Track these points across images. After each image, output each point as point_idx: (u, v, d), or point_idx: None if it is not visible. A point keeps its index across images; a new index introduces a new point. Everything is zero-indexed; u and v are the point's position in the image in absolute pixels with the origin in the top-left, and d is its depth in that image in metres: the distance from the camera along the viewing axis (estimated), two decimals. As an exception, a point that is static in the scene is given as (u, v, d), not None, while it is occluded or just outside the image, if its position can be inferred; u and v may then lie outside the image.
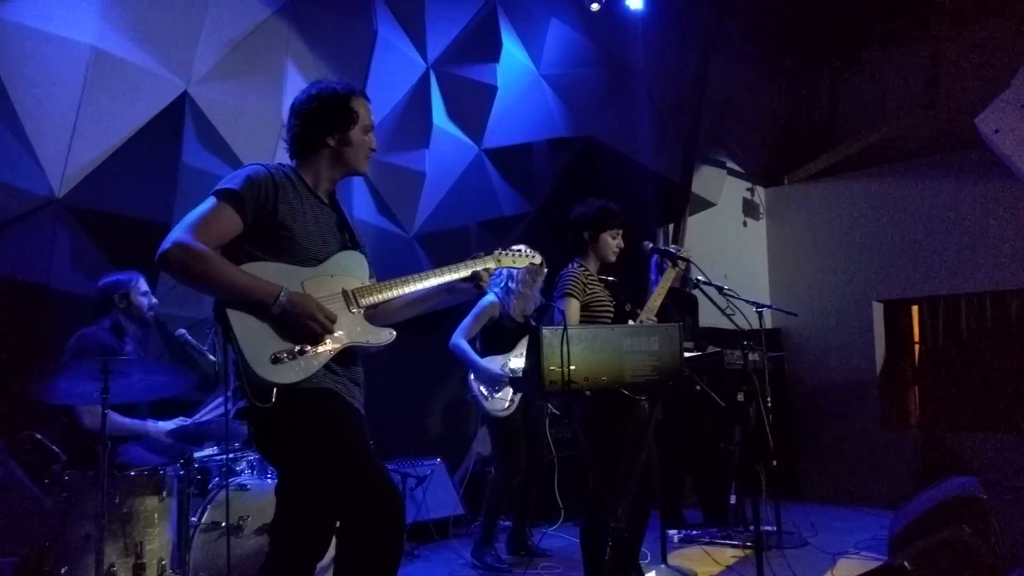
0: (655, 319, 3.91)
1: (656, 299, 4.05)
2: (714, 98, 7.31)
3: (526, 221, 6.39)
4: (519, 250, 2.86)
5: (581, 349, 2.80)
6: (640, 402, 3.60)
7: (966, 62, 7.26)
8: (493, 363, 4.70)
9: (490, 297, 4.80)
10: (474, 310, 4.81)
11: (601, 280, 3.81)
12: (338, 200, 2.59)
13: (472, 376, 4.77)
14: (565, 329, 2.75)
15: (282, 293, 2.27)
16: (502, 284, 4.85)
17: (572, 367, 2.75)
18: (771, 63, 7.99)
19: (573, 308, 3.60)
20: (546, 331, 2.75)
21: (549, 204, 6.38)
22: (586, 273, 3.77)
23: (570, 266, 3.84)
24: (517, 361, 4.72)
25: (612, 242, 3.84)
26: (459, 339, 4.74)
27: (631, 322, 3.77)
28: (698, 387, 3.56)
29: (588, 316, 3.66)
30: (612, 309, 3.75)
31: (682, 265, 4.29)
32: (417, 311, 2.65)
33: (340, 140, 2.50)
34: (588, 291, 3.71)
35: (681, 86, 7.08)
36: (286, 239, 2.35)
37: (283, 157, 2.61)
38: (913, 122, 7.42)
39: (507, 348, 4.77)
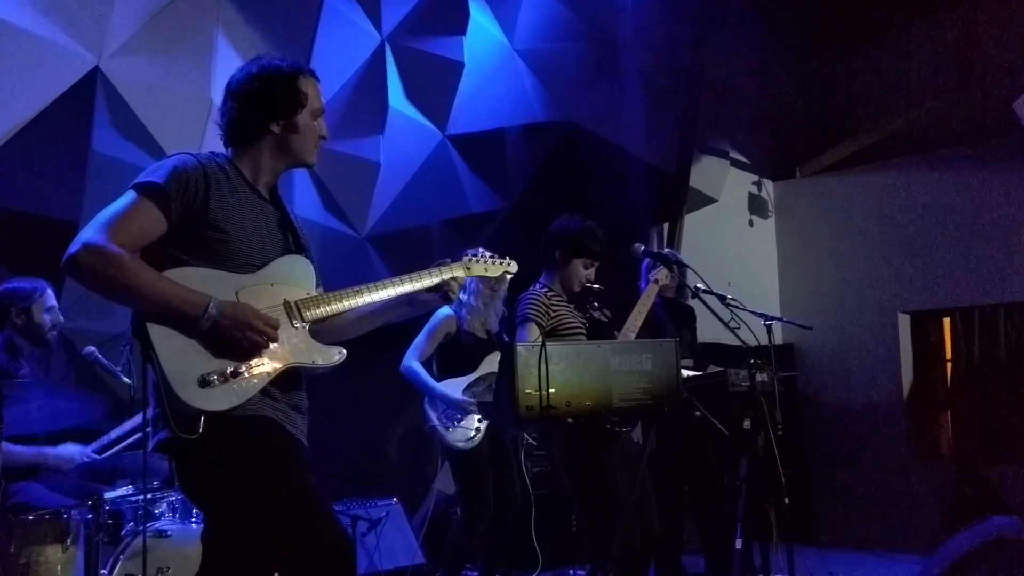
0: (636, 338, 3.94)
1: (636, 317, 4.09)
2: (714, 78, 7.39)
3: (498, 220, 6.42)
4: (491, 257, 2.90)
5: (562, 369, 2.83)
6: (630, 431, 3.63)
7: (1003, 36, 7.40)
8: (453, 387, 4.74)
9: (445, 311, 4.84)
10: (427, 326, 4.85)
11: (569, 301, 3.86)
12: (280, 196, 2.60)
13: (428, 403, 4.80)
14: (543, 345, 2.79)
15: (212, 304, 2.26)
16: (459, 297, 4.87)
17: (552, 390, 2.78)
18: (779, 39, 8.11)
19: (533, 336, 3.64)
20: (521, 348, 2.79)
21: (525, 200, 6.42)
22: (550, 294, 3.82)
23: (533, 286, 3.89)
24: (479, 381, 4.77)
25: (582, 272, 3.89)
26: (411, 361, 4.78)
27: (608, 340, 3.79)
28: (698, 413, 3.59)
29: (557, 339, 3.68)
30: (584, 333, 3.79)
31: (676, 272, 4.35)
32: (371, 326, 2.66)
33: (285, 126, 2.50)
34: (552, 314, 3.75)
35: (677, 65, 7.16)
36: (219, 241, 2.36)
37: (215, 145, 2.60)
38: (942, 106, 7.55)
39: (468, 368, 4.81)
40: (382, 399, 6.14)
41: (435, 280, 2.65)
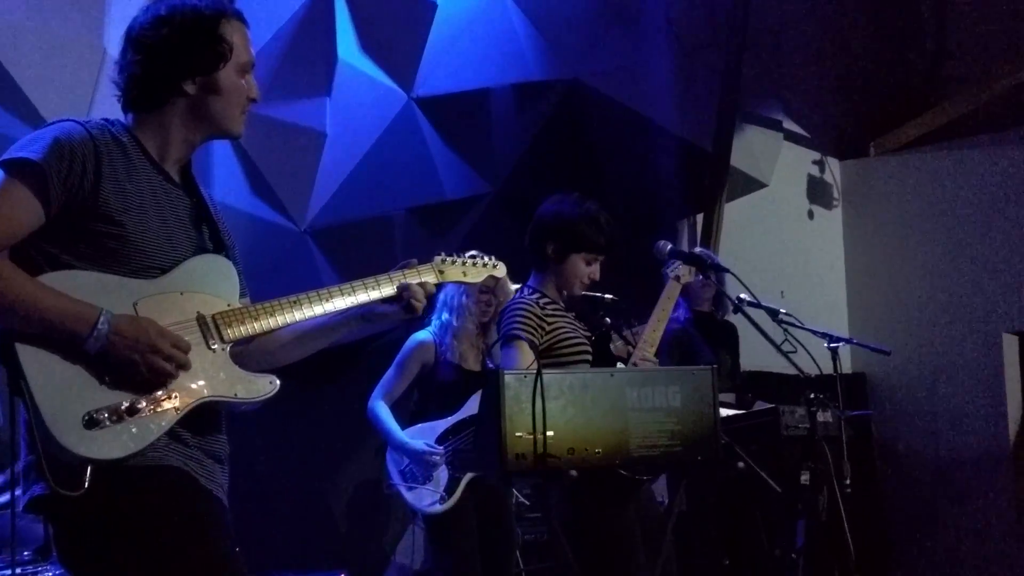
0: (656, 360, 3.94)
1: (654, 328, 4.09)
2: (763, 27, 7.41)
3: (480, 208, 6.42)
4: (472, 257, 2.90)
5: (564, 405, 2.84)
6: (652, 482, 3.63)
7: None
8: (423, 433, 4.79)
9: (421, 335, 4.89)
10: (398, 357, 4.91)
11: (586, 300, 3.91)
12: (194, 177, 2.61)
13: (390, 455, 4.84)
14: (539, 374, 2.79)
15: (103, 318, 2.26)
16: (438, 315, 4.94)
17: (550, 433, 2.78)
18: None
19: (523, 354, 3.66)
20: (510, 377, 2.80)
21: (515, 182, 6.43)
22: (543, 302, 3.83)
23: (520, 292, 3.90)
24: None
25: (584, 270, 3.90)
26: (375, 400, 4.85)
27: (620, 366, 3.81)
28: (741, 464, 3.60)
29: (556, 364, 3.70)
30: (589, 350, 3.80)
31: (712, 279, 4.34)
32: (313, 347, 2.68)
33: (203, 85, 2.51)
34: (548, 327, 3.77)
35: (714, 8, 7.16)
36: (112, 237, 2.36)
37: (110, 110, 2.59)
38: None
39: (446, 410, 4.84)
40: (330, 443, 6.14)
41: (395, 287, 2.66)
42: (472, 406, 4.77)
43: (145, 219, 2.41)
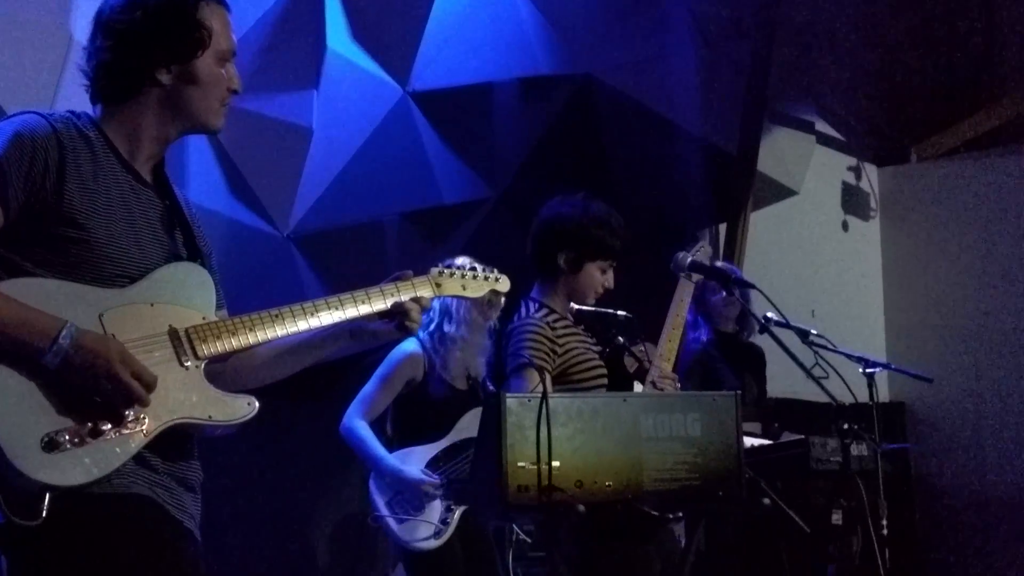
0: (675, 376, 3.94)
1: (671, 339, 4.08)
2: (795, 20, 7.43)
3: (480, 214, 6.43)
4: (472, 269, 2.92)
5: (572, 433, 2.85)
6: (669, 525, 3.62)
7: None
8: (412, 459, 4.76)
9: (409, 346, 4.87)
10: (381, 369, 4.87)
11: (596, 316, 3.95)
12: (168, 177, 2.62)
13: (374, 482, 4.81)
14: (545, 397, 2.79)
15: (64, 332, 2.26)
16: (432, 326, 4.93)
17: (556, 463, 2.79)
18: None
19: (535, 381, 3.64)
20: (512, 400, 2.81)
21: (520, 186, 6.43)
22: (553, 320, 3.84)
23: (525, 308, 3.91)
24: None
25: (599, 279, 3.93)
26: (354, 419, 4.80)
27: (637, 385, 3.82)
28: (767, 500, 3.59)
29: (570, 389, 3.72)
30: (605, 371, 3.82)
31: (736, 296, 4.33)
32: (296, 366, 2.69)
33: (180, 75, 2.52)
34: (560, 350, 3.77)
35: (742, 1, 7.17)
36: (76, 242, 2.37)
37: (78, 102, 2.60)
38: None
39: (437, 432, 4.84)
40: (312, 471, 6.13)
41: (389, 302, 2.66)
42: (463, 428, 4.80)
43: (113, 223, 2.42)
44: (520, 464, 2.78)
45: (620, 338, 3.90)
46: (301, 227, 5.96)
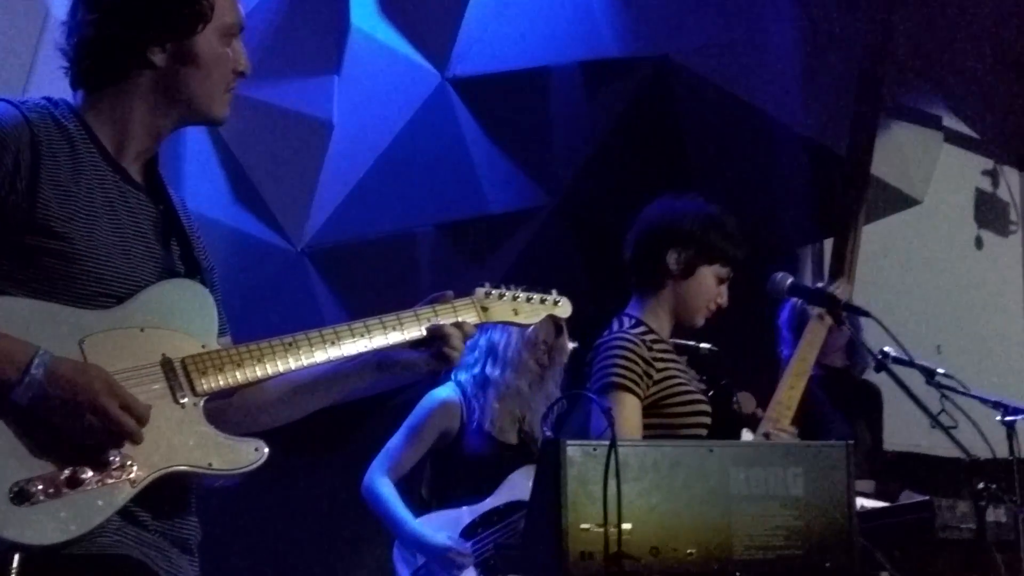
0: (795, 430, 3.93)
1: (792, 386, 4.05)
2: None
3: (533, 226, 6.46)
4: (526, 290, 2.91)
5: (647, 489, 2.83)
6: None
7: None
8: (440, 524, 4.79)
9: (443, 392, 4.91)
10: (410, 418, 4.91)
11: (679, 349, 3.90)
12: (162, 177, 2.63)
13: (398, 549, 4.84)
14: (613, 446, 2.78)
15: (37, 360, 2.26)
16: (475, 364, 4.95)
17: (627, 526, 2.77)
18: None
19: (628, 411, 3.65)
20: (574, 450, 2.78)
21: (580, 193, 6.45)
22: (650, 339, 3.83)
23: (617, 324, 3.89)
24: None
25: (712, 289, 3.92)
26: (377, 475, 4.84)
27: (747, 434, 3.81)
28: (884, 575, 3.56)
29: (662, 426, 3.71)
30: (708, 410, 3.81)
31: (847, 325, 4.30)
32: (313, 404, 2.69)
33: (176, 54, 2.52)
34: (657, 375, 3.77)
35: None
36: (52, 253, 2.38)
37: (55, 88, 2.61)
38: None
39: (476, 493, 4.87)
40: (328, 534, 6.14)
41: (425, 327, 2.65)
42: (510, 489, 4.80)
43: (96, 231, 2.42)
44: (583, 526, 2.75)
45: (723, 382, 3.89)
46: (318, 240, 6.02)
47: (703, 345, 3.97)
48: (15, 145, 2.37)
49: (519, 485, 4.71)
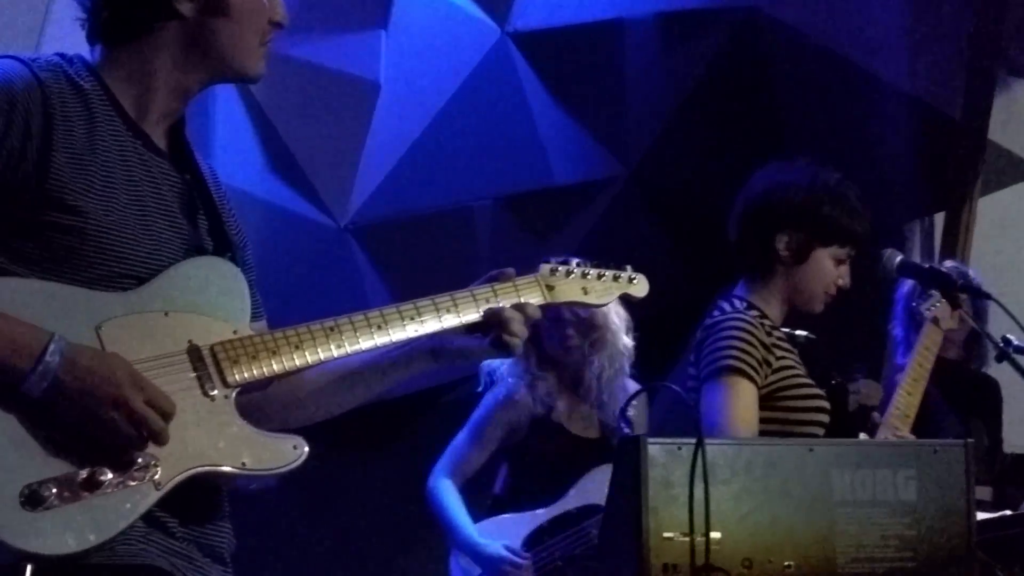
0: (910, 434, 3.90)
1: (910, 392, 4.01)
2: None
3: (605, 198, 6.46)
4: (597, 266, 2.92)
5: (739, 493, 2.80)
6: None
7: None
8: (502, 529, 4.81)
9: (507, 388, 4.91)
10: (475, 414, 4.92)
11: (792, 339, 3.88)
12: (189, 144, 2.65)
13: (454, 558, 4.88)
14: (700, 444, 2.75)
15: (53, 347, 2.26)
16: (532, 353, 4.92)
17: (716, 534, 2.74)
18: None
19: (745, 399, 3.65)
20: (657, 448, 2.76)
21: (658, 161, 6.45)
22: (764, 324, 3.81)
23: (728, 305, 3.87)
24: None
25: (831, 272, 3.89)
26: (439, 477, 4.87)
27: (863, 436, 3.80)
28: (1008, 592, 3.53)
29: (775, 420, 3.71)
30: (827, 407, 3.80)
31: (967, 309, 4.25)
32: (359, 397, 2.71)
33: (205, 3, 2.53)
34: (776, 361, 3.76)
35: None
36: (66, 230, 2.38)
37: (70, 43, 2.61)
38: None
39: (545, 495, 4.88)
40: (376, 537, 6.17)
41: (483, 310, 2.66)
42: (584, 492, 4.81)
43: (114, 204, 2.43)
44: (667, 535, 2.72)
45: (839, 379, 3.87)
46: (363, 215, 6.06)
47: (799, 333, 3.93)
48: (25, 108, 2.37)
49: (595, 487, 4.71)
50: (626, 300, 2.97)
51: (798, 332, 3.96)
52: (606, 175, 6.45)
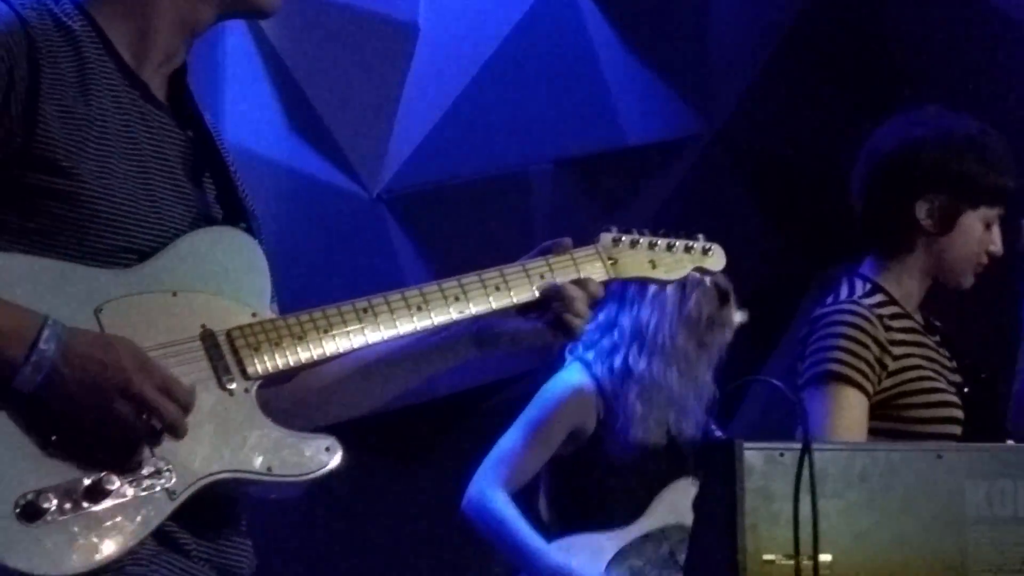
0: None
1: None
2: None
3: (686, 161, 6.48)
4: (666, 235, 2.92)
5: (852, 508, 2.78)
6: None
7: None
8: (581, 551, 4.80)
9: (574, 376, 4.94)
10: (531, 410, 4.91)
11: (927, 329, 3.85)
12: (192, 94, 2.67)
13: None
14: (807, 449, 2.73)
15: (47, 332, 2.26)
16: (615, 351, 4.96)
17: (826, 557, 2.72)
18: None
19: (852, 411, 3.62)
20: (754, 455, 2.75)
21: (747, 117, 6.48)
22: (890, 315, 3.77)
23: (847, 288, 3.83)
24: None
25: (983, 236, 3.85)
26: (490, 488, 4.82)
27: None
28: None
29: (892, 432, 3.69)
30: (960, 416, 3.75)
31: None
32: (393, 390, 2.75)
33: None
34: (894, 363, 3.71)
35: None
36: (56, 195, 2.40)
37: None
38: None
39: (622, 514, 4.89)
40: (415, 559, 6.19)
41: (537, 287, 2.66)
42: (664, 509, 4.82)
43: (110, 166, 2.44)
44: (767, 557, 2.72)
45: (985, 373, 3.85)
46: (398, 182, 6.07)
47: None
48: (7, 54, 2.38)
49: (676, 503, 4.76)
50: (702, 273, 2.98)
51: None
52: (687, 134, 6.48)
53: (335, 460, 2.47)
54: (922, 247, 3.85)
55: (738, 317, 4.87)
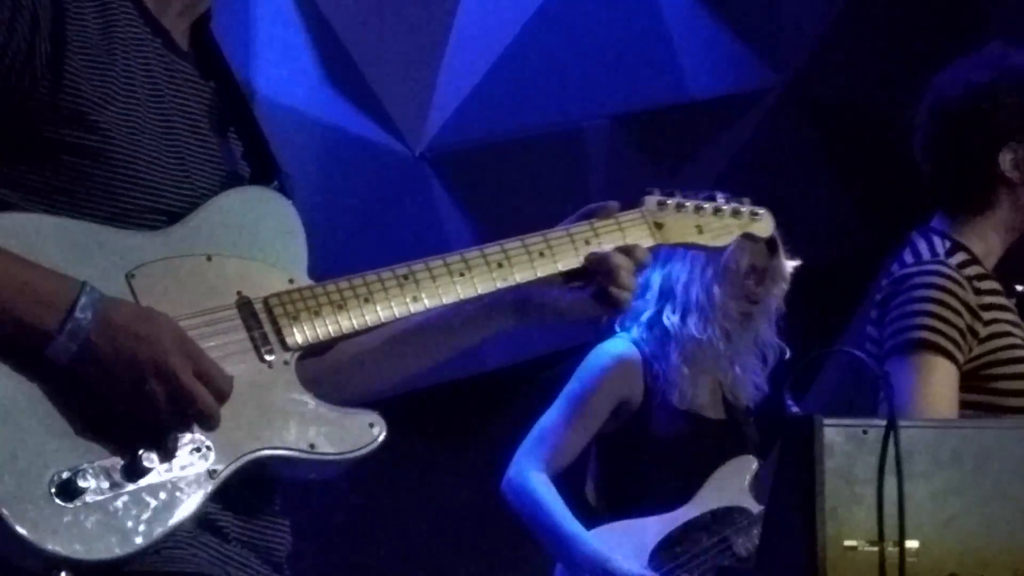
0: None
1: None
2: None
3: (754, 116, 6.50)
4: (711, 199, 2.94)
5: (942, 492, 2.78)
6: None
7: None
8: (624, 539, 4.83)
9: (618, 346, 4.98)
10: (573, 383, 4.95)
11: (1010, 292, 3.82)
12: (219, 46, 2.70)
13: (559, 574, 4.88)
14: (893, 426, 2.73)
15: (83, 300, 2.26)
16: (647, 309, 5.00)
17: (914, 543, 2.73)
18: None
19: (938, 386, 3.59)
20: (835, 432, 2.75)
21: (821, 69, 6.48)
22: (975, 274, 3.75)
23: (927, 246, 3.80)
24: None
25: None
26: (528, 468, 4.85)
27: None
28: None
29: (979, 406, 3.67)
30: None
31: None
32: (430, 361, 2.79)
33: None
34: (984, 328, 3.69)
35: None
36: (83, 151, 2.40)
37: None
38: None
39: (673, 496, 4.91)
40: (453, 547, 6.26)
41: (582, 254, 2.69)
42: (720, 490, 4.86)
43: (137, 119, 2.45)
44: (848, 543, 2.72)
45: None
46: (442, 140, 6.10)
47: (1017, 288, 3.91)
48: (31, 1, 2.36)
49: (730, 484, 4.82)
50: (752, 239, 3.00)
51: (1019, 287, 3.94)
52: (755, 87, 6.49)
53: (380, 437, 2.47)
54: (1006, 199, 3.79)
55: (789, 266, 4.90)
